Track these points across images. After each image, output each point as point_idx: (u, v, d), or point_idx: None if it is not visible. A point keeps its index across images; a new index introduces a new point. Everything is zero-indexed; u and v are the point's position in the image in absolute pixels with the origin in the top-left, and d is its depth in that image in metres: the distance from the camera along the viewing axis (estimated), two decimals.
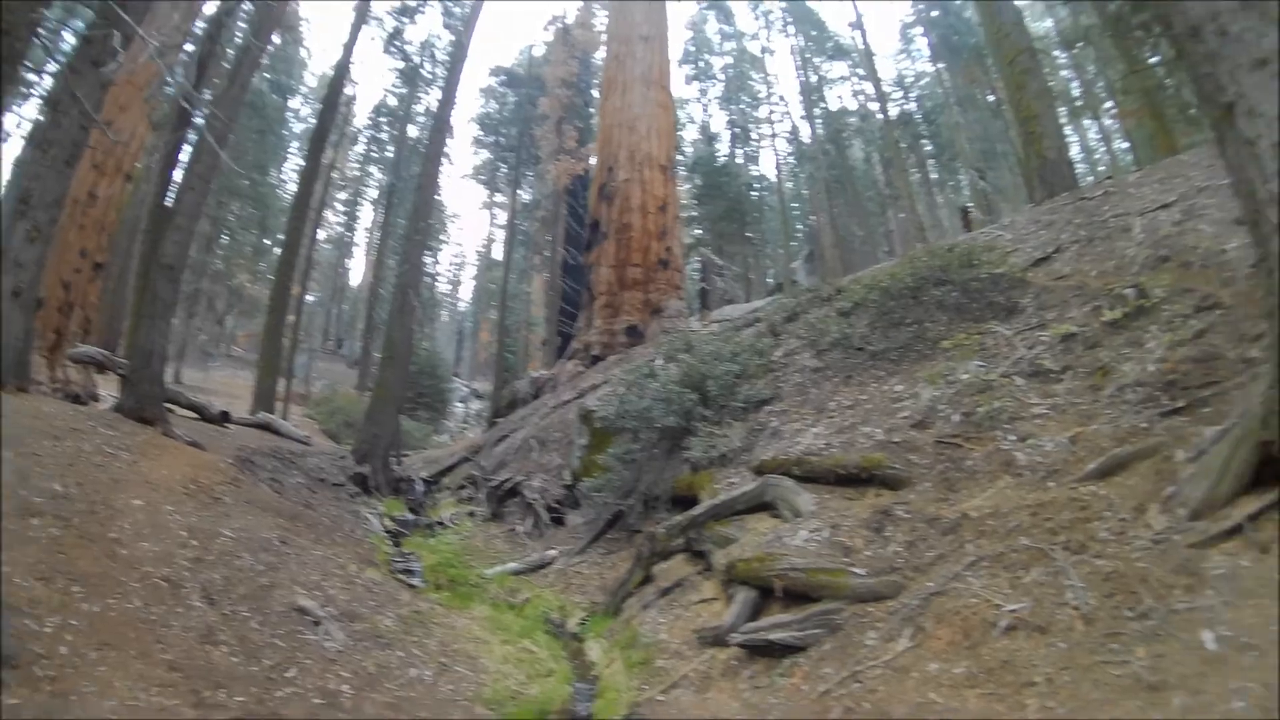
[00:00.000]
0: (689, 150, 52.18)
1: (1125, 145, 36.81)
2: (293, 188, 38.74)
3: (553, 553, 12.14)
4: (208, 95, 21.64)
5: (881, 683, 5.07)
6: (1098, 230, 10.93)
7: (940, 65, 46.66)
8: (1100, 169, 39.50)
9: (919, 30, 49.57)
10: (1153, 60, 19.09)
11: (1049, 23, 38.64)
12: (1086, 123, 43.49)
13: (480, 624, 8.66)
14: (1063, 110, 38.10)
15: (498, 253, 62.04)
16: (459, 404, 48.43)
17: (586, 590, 10.40)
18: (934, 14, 46.64)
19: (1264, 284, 5.24)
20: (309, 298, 53.84)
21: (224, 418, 17.31)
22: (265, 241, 48.81)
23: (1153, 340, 7.53)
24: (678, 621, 7.74)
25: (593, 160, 31.69)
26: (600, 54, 37.84)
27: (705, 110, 54.31)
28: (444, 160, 37.06)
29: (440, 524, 15.09)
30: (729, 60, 54.16)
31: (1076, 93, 38.44)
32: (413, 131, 52.44)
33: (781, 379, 11.94)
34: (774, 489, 8.51)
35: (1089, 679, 4.21)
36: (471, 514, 15.69)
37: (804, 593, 6.45)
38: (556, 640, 8.81)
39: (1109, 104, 35.08)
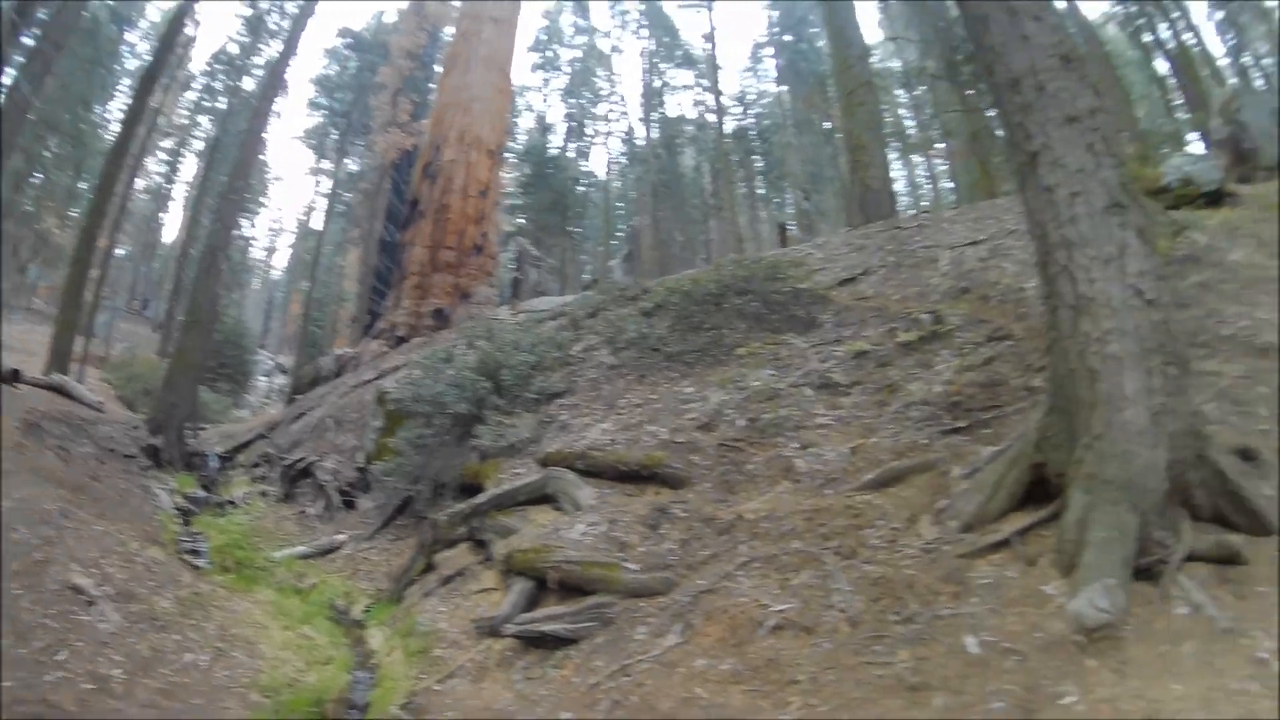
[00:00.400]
0: (523, 138, 51.84)
1: (951, 185, 39.02)
2: (117, 129, 35.67)
3: (342, 537, 11.84)
4: (40, 14, 19.85)
5: (650, 677, 5.15)
6: (906, 258, 11.60)
7: (784, 88, 48.43)
8: (924, 204, 41.73)
9: (770, 51, 51.16)
10: (984, 108, 20.25)
11: (898, 63, 40.46)
12: (918, 160, 45.89)
13: (263, 609, 8.37)
14: (896, 146, 40.19)
15: (318, 222, 59.42)
16: (263, 377, 46.20)
17: (374, 576, 10.18)
18: (786, 38, 48.22)
19: (1049, 319, 5.74)
20: (118, 251, 49.85)
21: (14, 376, 16.08)
22: (80, 185, 44.91)
23: (943, 363, 8.07)
24: (458, 610, 7.68)
25: (425, 137, 31.08)
26: (451, 30, 37.08)
27: (545, 100, 54.20)
28: (274, 116, 35.29)
29: (232, 503, 14.48)
30: (578, 54, 54.24)
31: (913, 131, 40.49)
32: (249, 84, 49.79)
33: (577, 373, 12.01)
34: (556, 481, 8.56)
35: (852, 679, 4.42)
36: (264, 494, 15.11)
37: (578, 586, 6.52)
38: (339, 627, 8.61)
39: (941, 145, 37.11)
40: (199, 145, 58.19)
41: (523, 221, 45.45)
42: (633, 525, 7.17)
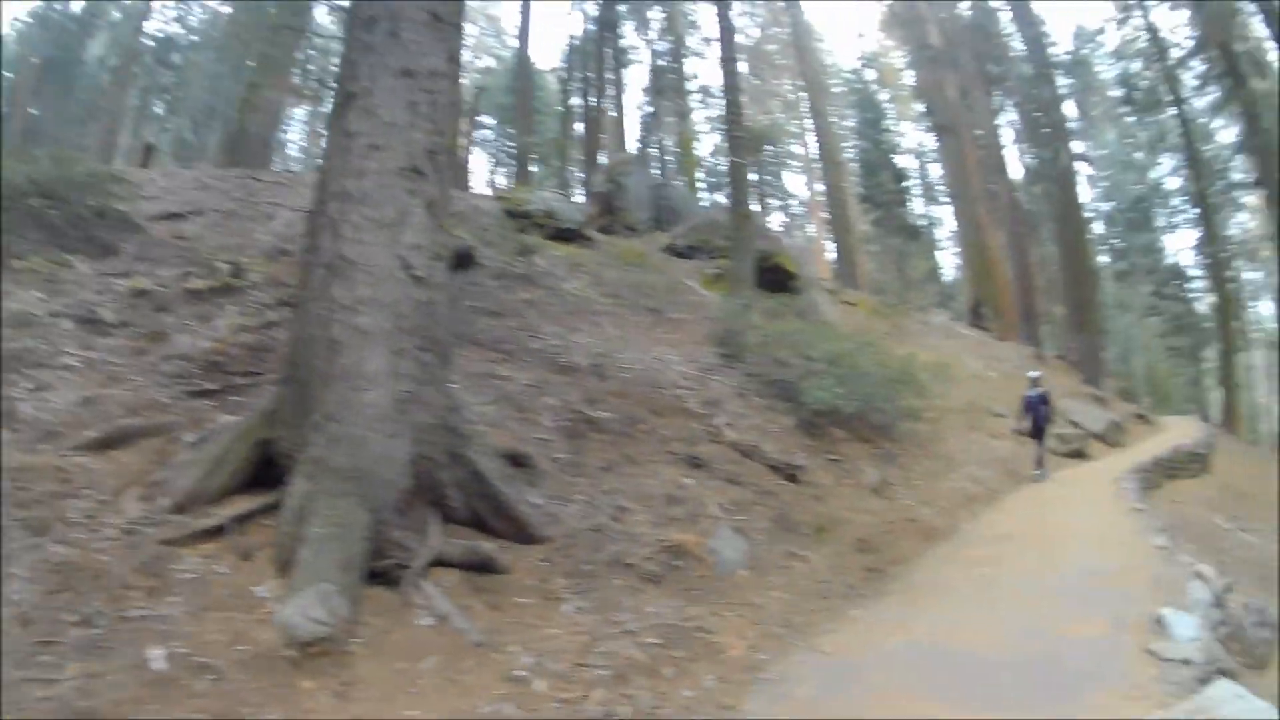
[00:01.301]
0: None
1: None
2: None
3: None
4: None
5: None
6: (247, 209, 11.01)
7: (229, 8, 43.73)
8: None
9: None
10: None
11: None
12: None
13: None
14: (313, 108, 39.17)
15: None
16: None
17: None
18: None
19: (301, 277, 5.34)
20: None
21: None
22: None
23: (223, 319, 7.36)
24: None
25: None
26: None
27: None
28: None
29: None
30: None
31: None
32: None
33: None
34: None
35: (8, 700, 3.35)
36: None
37: None
38: None
39: None
40: None
41: None
42: None
